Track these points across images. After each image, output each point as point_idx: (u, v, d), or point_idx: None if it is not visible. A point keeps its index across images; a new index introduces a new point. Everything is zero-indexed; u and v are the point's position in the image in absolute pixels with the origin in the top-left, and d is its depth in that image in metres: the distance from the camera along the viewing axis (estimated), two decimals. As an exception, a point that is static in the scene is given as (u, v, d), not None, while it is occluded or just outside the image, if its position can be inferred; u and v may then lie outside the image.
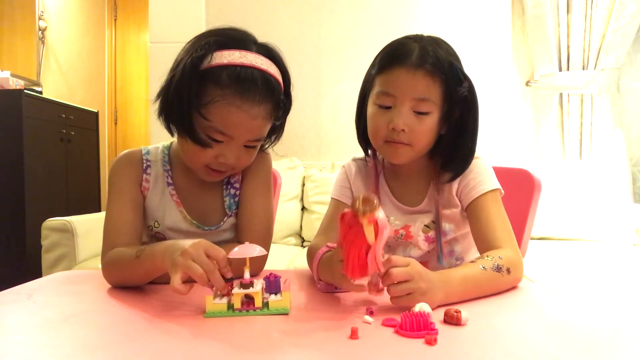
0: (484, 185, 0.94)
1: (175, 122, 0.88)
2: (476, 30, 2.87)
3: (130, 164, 0.98)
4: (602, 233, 2.44)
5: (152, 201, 0.97)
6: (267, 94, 0.84)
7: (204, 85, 0.83)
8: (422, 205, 1.01)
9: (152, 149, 1.01)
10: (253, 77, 0.83)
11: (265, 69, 0.85)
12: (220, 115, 0.83)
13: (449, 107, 0.91)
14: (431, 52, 0.89)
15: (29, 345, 0.57)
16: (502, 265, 0.80)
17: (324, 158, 2.94)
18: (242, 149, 0.89)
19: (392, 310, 0.68)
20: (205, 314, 0.66)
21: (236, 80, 0.82)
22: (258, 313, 0.68)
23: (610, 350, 0.56)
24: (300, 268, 1.03)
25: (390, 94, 0.91)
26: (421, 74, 0.88)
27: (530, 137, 2.94)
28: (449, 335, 0.59)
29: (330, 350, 0.55)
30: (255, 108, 0.83)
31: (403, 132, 0.90)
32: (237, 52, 0.84)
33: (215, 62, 0.83)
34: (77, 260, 2.11)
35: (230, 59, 0.83)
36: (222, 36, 0.87)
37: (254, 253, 0.70)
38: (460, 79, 0.90)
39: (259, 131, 0.89)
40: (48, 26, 3.85)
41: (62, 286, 0.87)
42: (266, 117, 0.87)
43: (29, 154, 2.89)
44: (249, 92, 0.82)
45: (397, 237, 1.02)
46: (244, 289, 0.68)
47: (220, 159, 0.87)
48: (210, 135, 0.85)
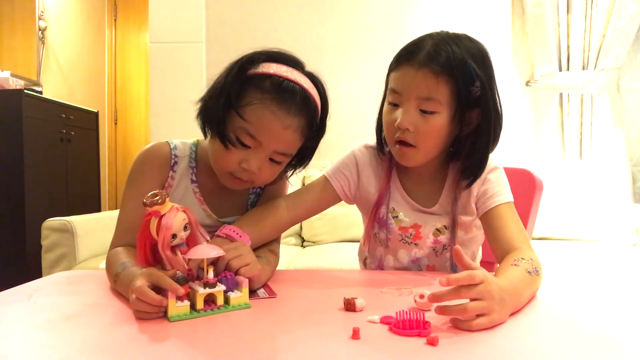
0: (502, 197, 0.95)
1: (211, 120, 0.89)
2: (476, 30, 2.87)
3: (157, 162, 0.97)
4: (602, 233, 2.44)
5: (175, 198, 0.97)
6: (302, 108, 0.87)
7: (246, 88, 0.86)
8: (434, 207, 1.00)
9: (179, 144, 1.00)
10: (294, 89, 0.86)
11: (306, 88, 0.89)
12: (255, 117, 0.85)
13: (461, 107, 0.89)
14: (443, 50, 0.87)
15: (30, 345, 0.57)
16: (535, 266, 0.79)
17: (324, 158, 2.91)
18: (266, 161, 0.89)
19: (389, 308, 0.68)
20: (170, 317, 0.66)
21: (277, 89, 0.85)
22: (222, 311, 0.69)
23: (611, 350, 0.56)
24: (301, 268, 1.03)
25: (397, 91, 0.90)
26: (424, 73, 0.86)
27: (530, 137, 2.94)
28: (451, 335, 0.59)
29: (331, 351, 0.55)
30: (289, 118, 0.86)
31: (408, 131, 0.89)
32: (284, 67, 0.88)
33: (261, 70, 0.87)
34: (77, 260, 2.11)
35: (276, 71, 0.87)
36: (275, 53, 0.91)
37: (212, 254, 0.70)
38: (473, 79, 0.87)
39: (288, 144, 0.89)
40: (48, 26, 3.85)
41: (63, 286, 0.86)
42: (297, 130, 0.88)
43: (29, 154, 2.88)
44: (287, 102, 0.85)
45: (405, 236, 1.00)
46: (209, 289, 0.69)
47: (243, 165, 0.87)
48: (240, 138, 0.86)
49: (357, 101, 2.90)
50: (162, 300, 0.65)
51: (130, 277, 0.73)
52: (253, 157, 0.87)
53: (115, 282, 0.80)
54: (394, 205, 1.02)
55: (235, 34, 2.90)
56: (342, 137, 2.95)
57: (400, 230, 1.01)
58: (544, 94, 2.85)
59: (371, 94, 2.92)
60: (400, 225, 1.01)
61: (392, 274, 1.02)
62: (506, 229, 0.91)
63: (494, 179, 0.97)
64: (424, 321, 0.60)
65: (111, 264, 0.84)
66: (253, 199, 1.04)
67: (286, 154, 0.90)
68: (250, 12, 2.91)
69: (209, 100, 0.89)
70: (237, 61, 0.88)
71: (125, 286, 0.73)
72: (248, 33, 2.89)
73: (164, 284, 0.66)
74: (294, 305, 0.74)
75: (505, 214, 0.93)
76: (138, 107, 4.86)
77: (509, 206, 0.95)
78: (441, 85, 0.86)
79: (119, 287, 0.78)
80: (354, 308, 0.69)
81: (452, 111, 0.89)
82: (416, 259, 1.03)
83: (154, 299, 0.65)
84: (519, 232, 0.90)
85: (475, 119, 0.91)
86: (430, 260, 1.03)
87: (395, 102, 0.91)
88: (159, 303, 0.65)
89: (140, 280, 0.67)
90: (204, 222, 0.98)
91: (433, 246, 1.01)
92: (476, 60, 0.88)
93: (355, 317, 0.67)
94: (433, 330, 0.60)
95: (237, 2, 2.92)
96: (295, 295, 0.81)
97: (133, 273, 0.75)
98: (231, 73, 0.87)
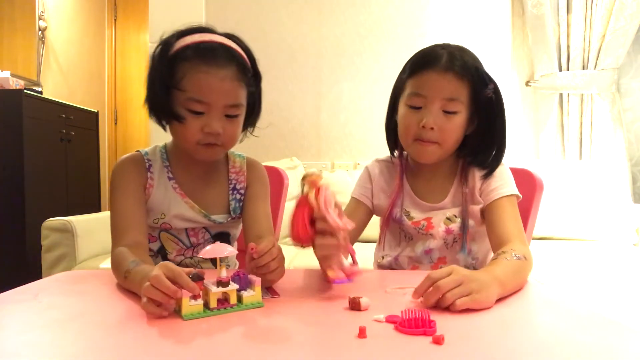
0: (504, 189, 1.02)
1: (160, 108, 0.96)
2: (476, 30, 2.87)
3: (133, 166, 1.03)
4: (602, 233, 2.44)
5: (157, 197, 1.03)
6: (228, 59, 0.94)
7: (173, 66, 0.93)
8: (443, 202, 1.07)
9: (149, 150, 1.08)
10: (212, 46, 0.94)
11: (223, 42, 0.96)
12: (192, 84, 0.91)
13: (475, 107, 1.01)
14: (459, 57, 0.98)
15: (37, 345, 0.57)
16: (518, 254, 0.85)
17: (324, 158, 2.94)
18: (224, 119, 0.95)
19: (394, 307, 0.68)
20: (184, 315, 0.66)
21: (199, 52, 0.92)
22: (235, 309, 0.70)
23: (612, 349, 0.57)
24: (302, 267, 1.03)
25: (422, 94, 0.99)
26: (450, 76, 0.97)
27: (530, 137, 2.95)
28: (456, 334, 0.59)
29: (340, 349, 0.55)
30: (221, 71, 0.92)
31: (432, 130, 0.98)
32: (196, 35, 0.96)
33: (179, 45, 0.95)
34: (77, 260, 2.10)
35: (191, 40, 0.95)
36: (185, 29, 0.98)
37: (224, 253, 0.71)
38: (486, 82, 0.99)
39: (233, 94, 0.94)
40: (48, 26, 3.85)
41: (68, 286, 0.87)
42: (233, 78, 0.93)
43: (29, 154, 2.88)
44: (211, 58, 0.92)
45: (418, 228, 1.07)
46: (222, 288, 0.70)
47: (205, 129, 0.93)
48: (190, 108, 0.93)
49: (357, 101, 2.91)
50: (177, 292, 0.65)
51: (143, 273, 0.74)
52: (210, 119, 0.93)
53: (125, 279, 0.80)
54: (406, 206, 1.10)
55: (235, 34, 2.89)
56: (342, 136, 2.96)
57: (413, 225, 1.07)
58: (544, 94, 2.86)
59: (371, 94, 2.93)
60: (413, 220, 1.08)
61: (395, 273, 1.02)
62: (501, 223, 0.98)
63: (496, 174, 1.04)
64: (430, 320, 0.60)
65: (120, 262, 0.84)
66: (234, 205, 1.08)
67: (237, 105, 0.96)
68: (250, 12, 2.91)
69: (150, 94, 0.97)
70: (155, 50, 0.98)
71: (138, 282, 0.73)
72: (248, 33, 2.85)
73: (181, 281, 0.67)
74: (299, 305, 0.75)
75: (504, 208, 1.00)
76: (138, 107, 4.85)
77: (509, 200, 1.01)
78: (463, 87, 0.98)
79: (130, 283, 0.78)
80: (359, 307, 0.69)
81: (468, 111, 1.00)
82: (429, 249, 1.08)
83: (169, 287, 0.65)
84: (514, 226, 0.97)
85: (478, 118, 1.03)
86: (441, 252, 1.08)
87: (419, 105, 1.00)
88: (173, 293, 0.65)
89: (158, 271, 0.67)
90: (189, 216, 1.03)
91: (445, 236, 1.06)
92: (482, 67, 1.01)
93: (360, 316, 0.67)
94: (438, 329, 0.60)
95: (237, 2, 2.92)
96: (299, 294, 0.81)
97: (145, 269, 0.75)
98: (156, 62, 0.96)
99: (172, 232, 1.05)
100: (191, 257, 1.07)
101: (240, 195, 1.10)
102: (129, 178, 1.01)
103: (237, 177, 1.10)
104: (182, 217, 1.03)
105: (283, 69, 2.90)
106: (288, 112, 2.94)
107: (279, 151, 2.89)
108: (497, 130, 1.03)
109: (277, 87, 2.90)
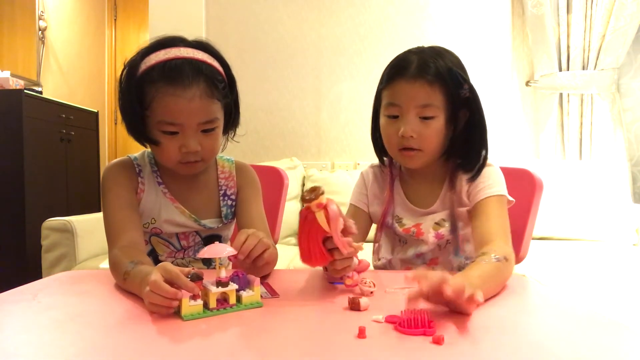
0: (491, 189, 1.00)
1: (135, 132, 0.95)
2: (476, 30, 2.87)
3: (124, 170, 1.03)
4: (602, 233, 2.44)
5: (148, 201, 1.03)
6: (195, 75, 0.91)
7: (142, 89, 0.91)
8: (433, 207, 1.07)
9: (138, 155, 1.08)
10: (177, 65, 0.90)
11: (189, 56, 0.92)
12: (161, 107, 0.90)
13: (453, 109, 0.99)
14: (431, 62, 0.97)
15: (36, 345, 0.57)
16: (498, 255, 0.83)
17: (324, 158, 2.94)
18: (200, 135, 0.94)
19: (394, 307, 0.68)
20: (184, 316, 0.66)
21: (163, 73, 0.90)
22: (234, 310, 0.70)
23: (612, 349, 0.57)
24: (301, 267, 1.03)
25: (396, 104, 1.00)
26: (420, 83, 0.97)
27: (530, 137, 2.94)
28: (456, 334, 0.59)
29: (340, 349, 0.55)
30: (188, 91, 0.89)
31: (412, 138, 0.98)
32: (162, 52, 0.93)
33: (144, 67, 0.92)
34: (77, 260, 2.10)
35: (156, 59, 0.92)
36: (150, 45, 0.96)
37: (223, 253, 0.71)
38: (461, 83, 0.98)
39: (204, 112, 0.92)
40: (48, 26, 3.85)
41: (67, 286, 0.87)
42: (202, 96, 0.91)
43: (29, 154, 2.88)
44: (177, 78, 0.89)
45: (409, 235, 1.07)
46: (222, 288, 0.70)
47: (183, 149, 0.93)
48: (164, 130, 0.92)
49: (357, 101, 2.90)
50: (177, 293, 0.65)
51: (142, 274, 0.74)
52: (186, 138, 0.92)
53: (125, 280, 0.80)
54: (398, 212, 1.10)
55: (235, 34, 2.90)
56: (342, 136, 2.95)
57: (404, 231, 1.08)
58: (544, 94, 2.85)
59: (371, 94, 2.92)
60: (404, 227, 1.08)
61: (394, 273, 1.02)
62: (484, 223, 0.97)
63: (484, 175, 1.03)
64: (429, 320, 0.60)
65: (118, 263, 0.84)
66: (226, 211, 1.09)
67: (211, 120, 0.94)
68: (250, 12, 2.91)
69: (125, 118, 0.96)
70: (122, 73, 0.95)
71: (137, 283, 0.74)
72: (248, 33, 2.89)
73: (180, 282, 0.67)
74: (299, 305, 0.75)
75: (489, 208, 0.98)
76: (138, 107, 4.86)
77: (496, 200, 0.99)
78: (436, 92, 0.97)
79: (129, 284, 0.78)
80: (358, 307, 0.69)
81: (446, 114, 0.99)
82: (420, 253, 1.08)
83: (168, 291, 0.65)
84: (498, 225, 0.95)
85: (463, 118, 1.02)
86: (434, 253, 1.07)
87: (395, 114, 1.01)
88: (173, 295, 0.65)
89: (155, 275, 0.67)
90: (179, 221, 1.03)
91: (437, 241, 1.05)
92: (459, 67, 1.00)
93: (360, 317, 0.67)
94: (438, 329, 0.60)
95: (237, 2, 2.92)
96: (298, 294, 0.81)
97: (144, 270, 0.75)
98: (124, 86, 0.94)
99: (163, 236, 1.06)
100: (182, 258, 1.08)
101: (231, 201, 1.10)
102: (120, 181, 1.01)
103: (227, 183, 1.10)
104: (172, 222, 1.03)
105: (283, 69, 2.89)
106: (288, 112, 2.93)
107: (279, 151, 2.89)
108: (476, 129, 1.02)
109: (277, 87, 2.90)
